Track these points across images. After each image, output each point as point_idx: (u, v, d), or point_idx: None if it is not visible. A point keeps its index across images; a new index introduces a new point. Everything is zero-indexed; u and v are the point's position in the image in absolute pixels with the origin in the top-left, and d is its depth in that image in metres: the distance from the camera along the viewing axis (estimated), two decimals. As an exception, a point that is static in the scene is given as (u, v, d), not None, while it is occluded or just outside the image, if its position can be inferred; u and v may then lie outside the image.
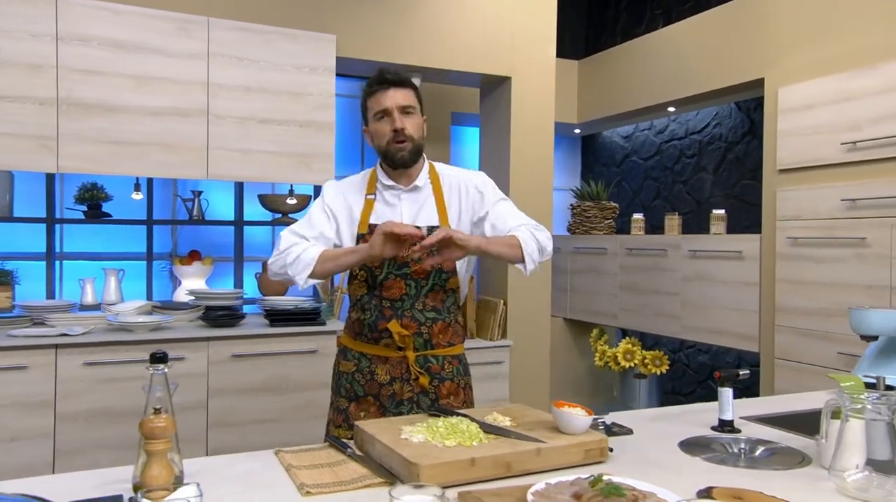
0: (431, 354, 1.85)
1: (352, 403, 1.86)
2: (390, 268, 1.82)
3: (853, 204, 3.19)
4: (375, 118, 1.85)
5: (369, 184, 1.93)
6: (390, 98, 1.81)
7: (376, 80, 1.85)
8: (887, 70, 3.06)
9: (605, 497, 1.10)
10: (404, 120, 1.82)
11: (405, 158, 1.84)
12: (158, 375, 1.18)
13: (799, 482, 1.29)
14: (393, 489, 0.93)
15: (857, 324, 2.05)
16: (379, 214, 1.87)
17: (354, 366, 1.87)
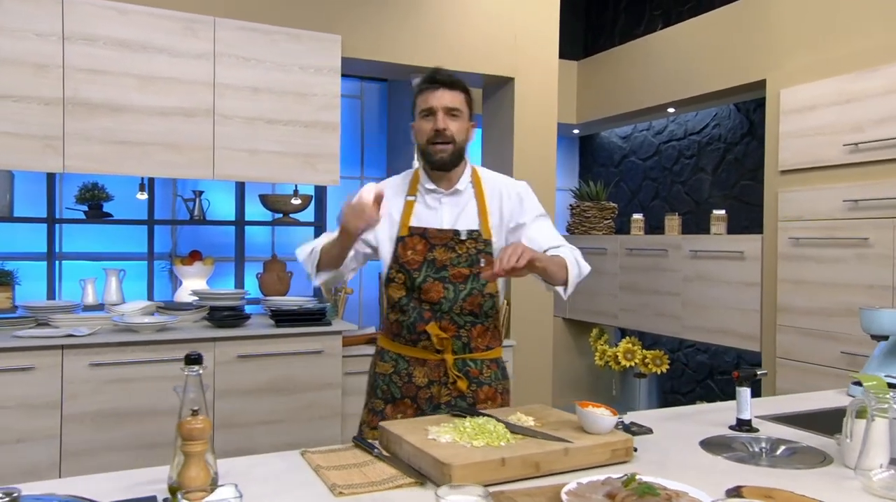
0: (470, 358, 1.84)
1: (388, 405, 1.86)
2: (429, 272, 1.81)
3: (855, 205, 3.22)
4: (421, 115, 1.85)
5: (411, 185, 1.92)
6: (437, 98, 1.81)
7: (428, 78, 1.86)
8: (889, 72, 3.10)
9: (639, 496, 1.11)
10: (448, 121, 1.81)
11: (444, 160, 1.83)
12: (193, 376, 1.18)
13: (824, 481, 1.31)
14: (438, 489, 0.94)
15: (868, 323, 2.08)
16: (419, 217, 1.87)
17: (392, 368, 1.86)
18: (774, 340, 3.63)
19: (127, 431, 2.91)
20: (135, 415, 2.91)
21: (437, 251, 1.82)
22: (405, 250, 1.83)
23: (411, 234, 1.84)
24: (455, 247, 1.83)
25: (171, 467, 1.22)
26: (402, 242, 1.84)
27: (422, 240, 1.84)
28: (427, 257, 1.82)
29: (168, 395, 2.95)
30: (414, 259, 1.82)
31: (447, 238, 1.84)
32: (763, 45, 3.83)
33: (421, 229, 1.85)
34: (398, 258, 1.84)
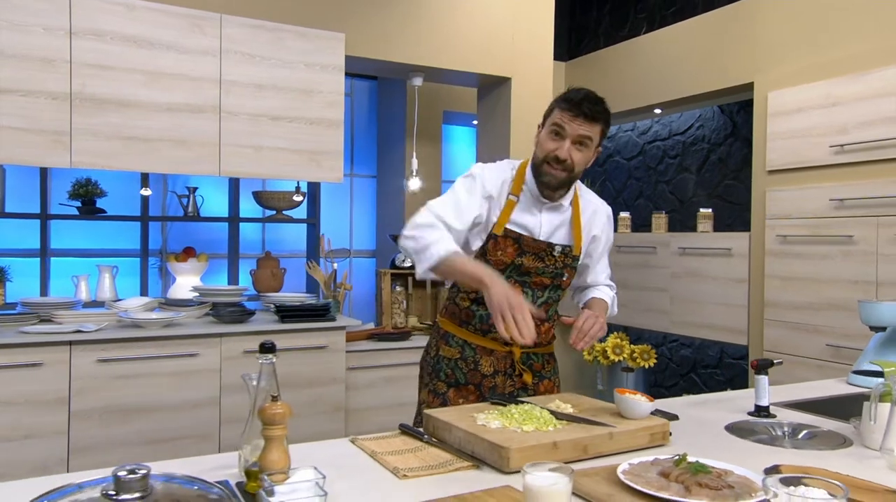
0: (533, 351, 1.90)
1: (451, 389, 1.89)
2: (512, 274, 1.85)
3: (841, 203, 3.36)
4: (550, 129, 1.79)
5: (516, 180, 1.86)
6: (573, 126, 1.74)
7: (573, 101, 1.75)
8: (873, 77, 3.25)
9: (692, 473, 1.19)
10: (573, 152, 1.76)
11: (552, 183, 1.80)
12: (267, 364, 1.22)
13: (849, 461, 1.40)
14: (526, 467, 1.00)
15: (868, 315, 2.20)
16: (518, 219, 1.84)
17: (458, 353, 1.89)
18: (762, 334, 3.77)
19: (134, 427, 2.91)
20: (142, 411, 2.92)
21: (526, 258, 1.84)
22: (495, 249, 1.84)
23: (505, 236, 1.84)
24: (545, 257, 1.85)
25: (242, 453, 1.26)
26: (495, 240, 1.84)
27: (514, 244, 1.84)
28: (515, 261, 1.84)
29: (175, 390, 2.96)
30: (501, 260, 1.83)
31: (540, 249, 1.85)
32: (751, 49, 3.96)
33: (516, 234, 1.84)
34: (486, 253, 1.85)
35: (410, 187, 3.95)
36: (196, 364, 3.02)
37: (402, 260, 3.96)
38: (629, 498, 1.14)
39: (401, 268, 3.95)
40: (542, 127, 1.85)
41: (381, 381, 3.60)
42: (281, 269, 4.42)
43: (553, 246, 1.85)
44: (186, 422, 3.00)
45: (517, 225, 1.84)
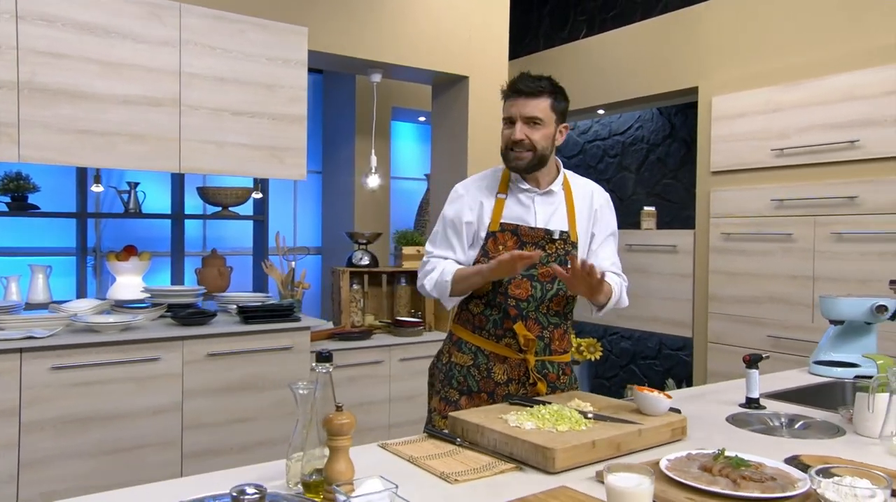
0: (548, 360, 1.90)
1: (464, 396, 1.88)
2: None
3: (781, 203, 3.59)
4: (502, 123, 1.88)
5: (502, 182, 1.94)
6: (517, 107, 1.83)
7: (510, 86, 1.86)
8: (811, 86, 3.48)
9: (734, 467, 1.25)
10: (527, 130, 1.82)
11: (519, 167, 1.86)
12: (324, 373, 1.19)
13: (850, 448, 1.52)
14: (609, 470, 1.03)
15: (828, 309, 2.36)
16: (512, 213, 1.90)
17: (471, 360, 1.89)
18: (706, 327, 3.97)
19: (91, 437, 2.75)
20: (100, 420, 2.77)
21: (527, 249, 1.86)
22: (496, 245, 1.87)
23: (503, 230, 1.87)
24: (545, 246, 1.87)
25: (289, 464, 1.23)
26: (493, 237, 1.87)
27: (513, 237, 1.87)
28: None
29: (135, 397, 2.82)
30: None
31: (538, 237, 1.87)
32: (695, 56, 4.16)
33: (513, 226, 1.88)
34: (487, 252, 1.87)
35: (369, 184, 3.91)
36: (157, 369, 2.89)
37: (359, 258, 3.92)
38: (680, 492, 1.19)
39: (358, 266, 3.91)
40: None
41: (345, 381, 3.56)
42: (228, 268, 4.28)
43: (551, 232, 1.88)
44: (147, 430, 2.87)
45: (512, 217, 1.90)
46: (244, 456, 3.09)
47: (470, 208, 1.93)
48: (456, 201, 1.97)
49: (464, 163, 4.00)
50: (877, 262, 3.23)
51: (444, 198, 4.18)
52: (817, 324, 3.42)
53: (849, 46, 3.43)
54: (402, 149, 5.56)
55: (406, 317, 3.94)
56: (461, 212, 1.93)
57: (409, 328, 3.80)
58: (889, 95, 3.21)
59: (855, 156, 3.31)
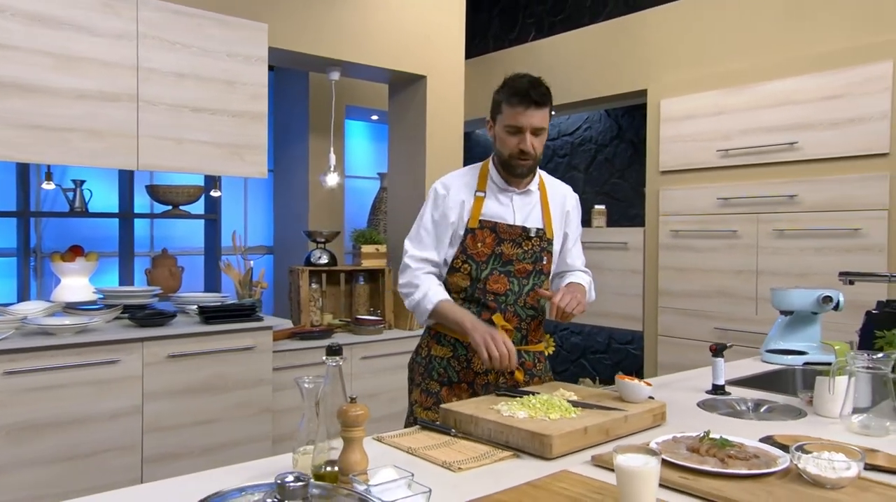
0: (525, 349, 1.96)
1: (444, 387, 1.93)
2: (495, 265, 1.91)
3: (726, 202, 3.77)
4: (506, 129, 1.86)
5: (480, 180, 1.97)
6: (528, 118, 1.82)
7: (520, 93, 1.82)
8: (754, 91, 3.67)
9: (720, 447, 1.34)
10: (534, 140, 1.85)
11: (524, 174, 1.92)
12: (334, 366, 1.21)
13: (814, 428, 1.63)
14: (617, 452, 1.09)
15: (779, 301, 2.51)
16: (491, 210, 1.93)
17: (451, 352, 1.93)
18: (656, 320, 4.13)
19: (48, 443, 2.66)
20: (56, 426, 2.67)
21: (504, 245, 1.91)
22: (474, 242, 1.91)
23: (481, 227, 1.91)
24: (522, 243, 1.93)
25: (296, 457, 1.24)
26: (472, 234, 1.91)
27: (491, 234, 1.91)
28: (495, 250, 1.91)
29: (93, 401, 2.74)
30: (482, 251, 1.91)
31: (516, 234, 1.93)
32: (643, 60, 4.31)
33: (491, 223, 1.92)
34: (466, 249, 1.91)
35: (328, 182, 3.89)
36: (115, 371, 2.81)
37: (318, 257, 3.90)
38: (673, 472, 1.26)
39: (317, 264, 3.89)
40: (493, 122, 1.93)
41: (306, 380, 3.53)
42: (179, 268, 4.19)
43: (528, 229, 1.94)
44: (106, 435, 2.79)
45: (490, 214, 1.94)
46: (207, 458, 3.04)
47: (452, 208, 1.94)
48: (439, 200, 1.97)
49: (422, 162, 4.04)
50: (814, 257, 3.43)
51: (402, 196, 4.22)
52: (761, 316, 3.61)
53: (787, 54, 3.64)
54: (355, 148, 5.55)
55: (366, 316, 3.95)
56: (446, 212, 1.94)
57: (370, 326, 3.81)
58: (824, 101, 3.42)
59: (794, 158, 3.51)
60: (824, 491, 1.19)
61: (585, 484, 1.22)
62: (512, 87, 1.85)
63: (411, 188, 4.13)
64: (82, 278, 3.82)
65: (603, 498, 1.14)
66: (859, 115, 3.31)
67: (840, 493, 1.18)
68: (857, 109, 3.32)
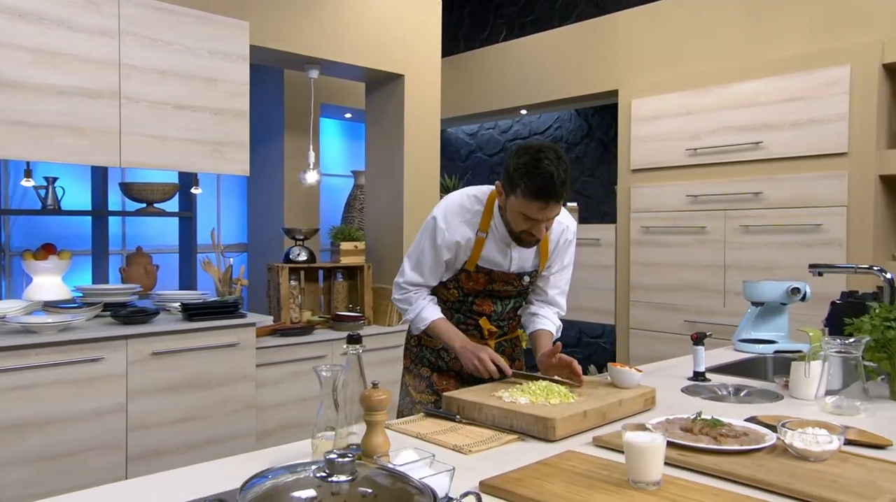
0: (505, 339, 2.10)
1: (435, 373, 2.04)
2: (480, 295, 1.98)
3: (695, 199, 3.91)
4: (520, 215, 1.77)
5: (484, 218, 1.90)
6: (546, 212, 1.75)
7: (542, 191, 1.70)
8: (720, 92, 3.82)
9: (712, 427, 1.43)
10: (547, 225, 1.81)
11: (532, 245, 1.90)
12: (353, 355, 1.26)
13: (792, 409, 1.74)
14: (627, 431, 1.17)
15: (750, 292, 2.64)
16: (488, 256, 1.91)
17: (440, 344, 2.02)
18: (628, 314, 4.26)
19: (30, 443, 2.64)
20: (39, 425, 2.65)
21: (496, 284, 1.95)
22: (468, 280, 1.95)
23: (477, 271, 1.93)
24: (513, 282, 1.97)
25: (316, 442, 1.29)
26: (467, 274, 1.93)
27: (485, 277, 1.94)
28: (486, 287, 1.96)
29: (76, 400, 2.73)
30: (473, 288, 1.96)
31: (510, 278, 1.96)
32: (614, 61, 4.43)
33: (487, 269, 1.93)
34: (459, 281, 1.96)
35: (308, 180, 3.91)
36: (99, 369, 2.80)
37: (297, 254, 3.92)
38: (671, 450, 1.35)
39: (296, 261, 3.91)
40: (505, 195, 1.80)
41: (289, 377, 3.56)
42: (154, 266, 4.17)
43: (522, 274, 1.98)
44: (89, 433, 2.78)
45: (488, 260, 1.92)
46: (191, 455, 3.04)
47: (449, 246, 1.91)
48: (436, 234, 1.92)
49: (400, 160, 4.09)
50: (779, 251, 3.59)
51: (380, 194, 4.27)
52: (728, 309, 3.76)
53: (752, 58, 3.79)
54: (329, 146, 5.56)
55: (345, 312, 3.98)
56: (441, 248, 1.92)
57: (350, 322, 3.84)
58: (787, 102, 3.58)
59: (759, 156, 3.67)
60: (809, 464, 1.29)
61: (591, 462, 1.29)
62: (533, 180, 1.70)
63: (389, 186, 4.18)
64: (55, 277, 3.77)
65: (609, 473, 1.22)
66: (819, 116, 3.48)
67: (823, 465, 1.29)
68: (817, 111, 3.48)
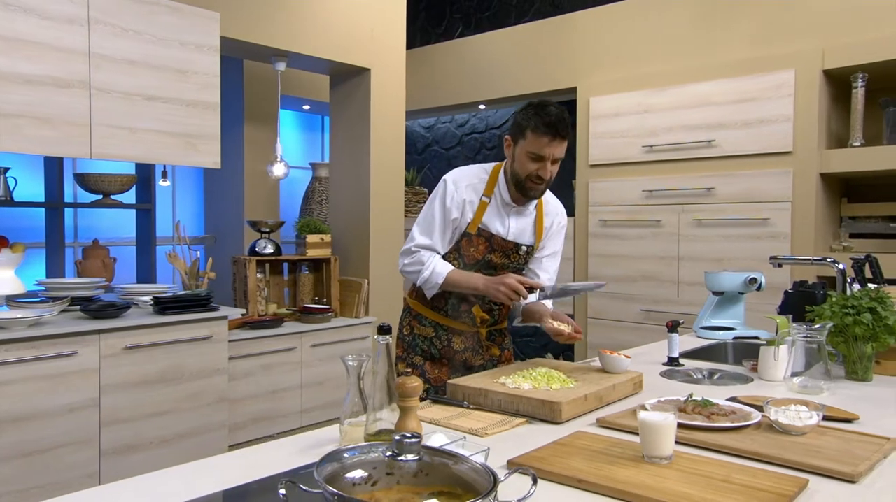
0: (495, 328, 2.17)
1: (427, 361, 2.11)
2: (481, 267, 2.05)
3: (651, 194, 4.10)
4: (528, 155, 1.93)
5: (489, 184, 2.05)
6: (551, 149, 1.90)
7: (549, 126, 1.87)
8: (675, 92, 4.00)
9: (703, 407, 1.56)
10: (552, 168, 1.95)
11: (535, 196, 2.02)
12: (383, 344, 1.33)
13: (762, 390, 1.90)
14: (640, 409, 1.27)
15: (711, 282, 2.81)
16: (489, 221, 2.03)
17: (433, 333, 2.09)
18: (586, 304, 4.43)
19: (3, 441, 2.58)
20: (10, 422, 2.60)
21: (494, 254, 2.05)
22: (469, 246, 2.03)
23: (479, 234, 2.03)
24: (510, 255, 2.07)
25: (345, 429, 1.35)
26: (468, 238, 2.03)
27: (485, 243, 2.04)
28: (485, 257, 2.04)
29: (48, 396, 2.68)
30: (473, 255, 2.04)
31: (508, 247, 2.06)
32: (574, 59, 4.58)
33: (488, 233, 2.03)
34: (460, 249, 2.05)
35: (275, 173, 3.90)
36: (71, 364, 2.76)
37: (263, 246, 3.91)
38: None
39: (262, 254, 3.90)
40: (514, 143, 2.00)
41: (259, 369, 3.57)
42: (112, 259, 4.09)
43: (519, 246, 2.09)
44: (63, 429, 2.73)
45: (489, 224, 2.04)
46: (165, 449, 3.03)
47: (457, 205, 2.03)
48: (448, 195, 2.04)
49: (366, 154, 4.12)
50: (729, 243, 3.81)
51: (345, 187, 4.29)
52: (682, 298, 3.96)
53: (705, 59, 3.99)
54: (286, 138, 5.53)
55: (313, 305, 4.00)
56: (450, 208, 2.03)
57: (318, 315, 3.87)
58: (737, 103, 3.79)
59: (712, 154, 3.87)
60: (792, 437, 1.43)
61: (602, 440, 1.40)
62: (541, 117, 1.89)
63: (355, 179, 4.21)
64: (8, 271, 3.66)
65: (623, 450, 1.33)
66: (767, 117, 3.70)
67: (805, 438, 1.43)
68: (765, 112, 3.71)
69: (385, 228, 4.24)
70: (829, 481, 1.22)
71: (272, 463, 1.28)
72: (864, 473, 1.24)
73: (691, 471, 1.22)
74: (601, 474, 1.20)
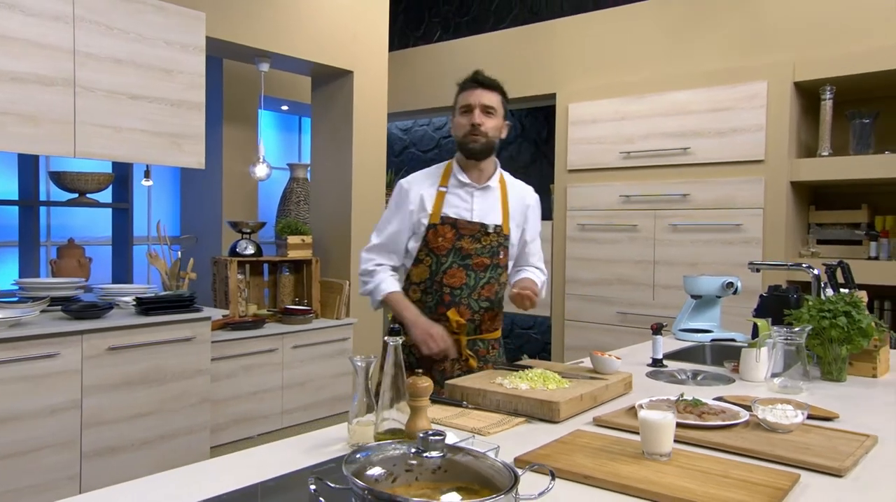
0: (479, 338, 2.14)
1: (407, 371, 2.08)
2: (455, 258, 2.06)
3: (627, 199, 4.20)
4: (460, 112, 2.09)
5: (443, 176, 2.13)
6: (476, 97, 2.05)
7: (470, 79, 2.11)
8: (651, 100, 4.11)
9: (695, 406, 1.63)
10: (483, 118, 2.05)
11: (476, 150, 2.06)
12: (393, 346, 1.36)
13: (744, 390, 1.98)
14: (640, 409, 1.33)
15: (690, 286, 2.90)
16: (451, 207, 2.09)
17: (411, 340, 2.05)
18: (563, 306, 4.50)
19: (-15, 442, 2.55)
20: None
21: (464, 240, 2.07)
22: (436, 237, 2.06)
23: (442, 223, 2.07)
24: (480, 238, 2.09)
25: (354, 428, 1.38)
26: (434, 229, 2.06)
27: (451, 230, 2.07)
28: (455, 245, 2.07)
29: (28, 397, 2.65)
30: (443, 245, 2.06)
31: (474, 230, 2.09)
32: (552, 66, 4.66)
33: (452, 219, 2.07)
34: (428, 243, 2.07)
35: (258, 173, 3.90)
36: (53, 366, 2.73)
37: (244, 247, 3.90)
38: (662, 427, 1.53)
39: (243, 255, 3.89)
40: (454, 114, 2.16)
41: (241, 370, 3.56)
42: (87, 258, 4.03)
43: (486, 225, 2.11)
44: (44, 431, 2.70)
45: (451, 210, 2.10)
46: (146, 451, 3.01)
47: (413, 201, 2.10)
48: (401, 195, 2.13)
49: (348, 155, 4.14)
50: (703, 248, 3.92)
51: (327, 189, 4.31)
52: (657, 301, 4.06)
53: (681, 69, 4.10)
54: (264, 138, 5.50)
55: (294, 306, 4.00)
56: (402, 206, 2.11)
57: (299, 316, 3.87)
58: (711, 112, 3.91)
59: (687, 161, 3.98)
60: (779, 434, 1.51)
61: (601, 439, 1.45)
62: (466, 79, 2.14)
63: (337, 181, 4.22)
64: (-20, 270, 3.59)
65: (623, 448, 1.38)
66: (740, 126, 3.82)
67: (791, 435, 1.50)
68: (738, 121, 3.83)
69: (366, 230, 4.25)
70: (818, 476, 1.29)
71: (283, 462, 1.30)
72: (850, 468, 1.32)
73: (690, 467, 1.28)
74: (605, 470, 1.25)
